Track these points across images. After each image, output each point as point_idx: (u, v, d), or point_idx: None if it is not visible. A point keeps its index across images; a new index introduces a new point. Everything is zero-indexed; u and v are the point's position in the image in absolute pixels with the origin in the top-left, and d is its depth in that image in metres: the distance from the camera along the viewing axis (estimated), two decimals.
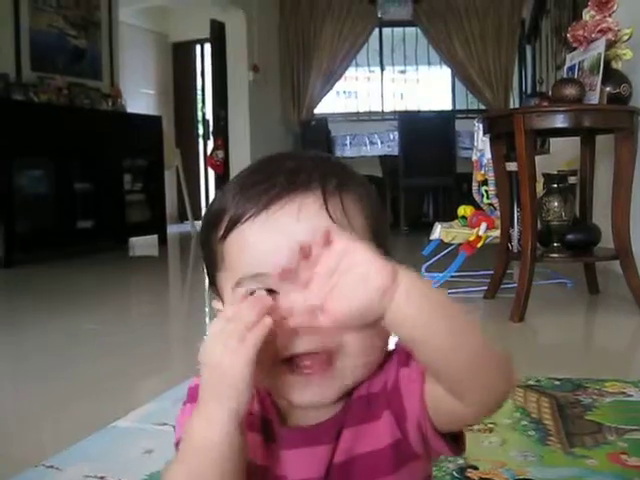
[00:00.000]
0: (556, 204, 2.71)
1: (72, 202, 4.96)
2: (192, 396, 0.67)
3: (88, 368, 2.13)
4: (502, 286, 3.11)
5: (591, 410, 1.57)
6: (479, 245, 3.28)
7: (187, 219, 7.44)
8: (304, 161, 0.67)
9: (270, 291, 0.61)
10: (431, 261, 3.70)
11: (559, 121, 2.53)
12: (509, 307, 2.69)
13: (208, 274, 0.69)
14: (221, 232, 0.64)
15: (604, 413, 1.55)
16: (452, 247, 3.52)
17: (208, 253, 0.68)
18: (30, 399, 1.84)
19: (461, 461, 1.29)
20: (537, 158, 2.65)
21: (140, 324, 2.89)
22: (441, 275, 3.36)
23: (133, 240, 5.79)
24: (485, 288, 3.15)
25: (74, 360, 2.23)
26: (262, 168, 0.67)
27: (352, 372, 0.62)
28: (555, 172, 2.81)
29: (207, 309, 3.36)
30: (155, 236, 5.87)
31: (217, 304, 0.69)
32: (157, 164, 5.90)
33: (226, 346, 0.57)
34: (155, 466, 1.30)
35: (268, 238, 0.61)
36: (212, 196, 8.93)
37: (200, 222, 0.74)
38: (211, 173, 8.67)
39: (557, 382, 1.78)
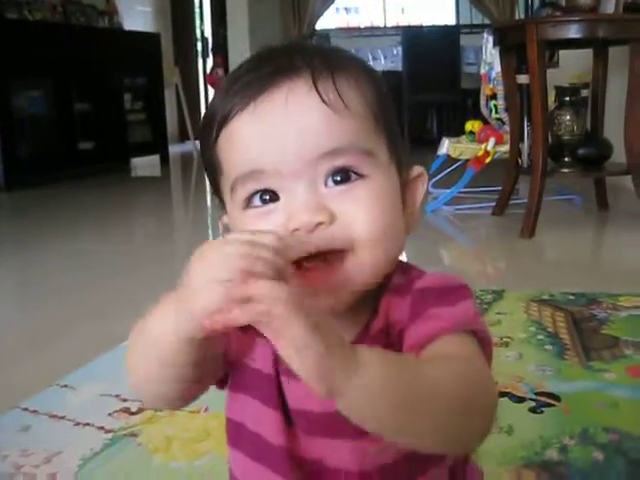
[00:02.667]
0: (568, 118, 2.65)
1: (72, 123, 4.88)
2: None
3: (95, 290, 2.11)
4: (510, 202, 3.08)
5: (606, 324, 1.55)
6: (487, 160, 3.23)
7: (188, 138, 7.34)
8: (294, 47, 0.61)
9: (270, 192, 0.55)
10: (438, 177, 3.65)
11: (573, 31, 2.44)
12: (518, 223, 2.66)
13: (212, 185, 0.62)
14: (213, 137, 0.58)
15: (620, 327, 1.53)
16: (459, 163, 3.47)
17: (206, 162, 0.61)
18: (39, 321, 1.84)
19: None
20: (547, 72, 2.57)
21: (145, 245, 2.87)
22: (449, 191, 3.32)
23: (135, 161, 5.72)
24: (493, 204, 3.12)
25: (81, 282, 2.21)
26: (251, 62, 0.59)
27: (361, 273, 0.55)
28: (567, 85, 2.73)
29: (210, 228, 3.34)
30: (157, 156, 5.80)
31: (224, 219, 0.62)
32: (156, 83, 5.78)
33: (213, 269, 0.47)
34: None
35: (257, 130, 0.55)
36: None
37: None
38: (211, 91, 8.54)
39: (571, 296, 1.76)
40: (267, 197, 0.55)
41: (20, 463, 1.03)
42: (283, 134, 0.54)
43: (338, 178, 0.54)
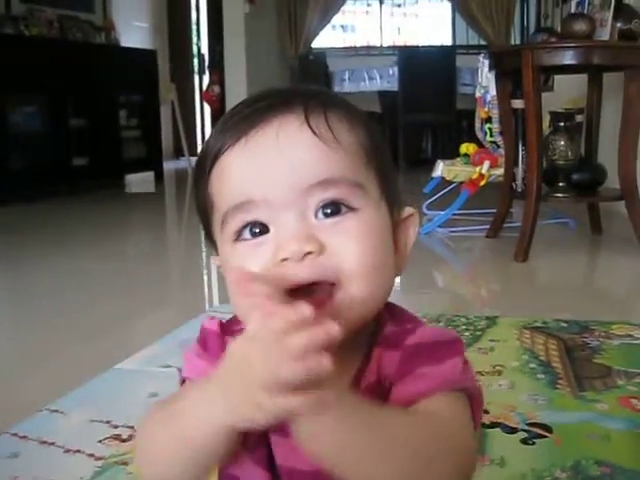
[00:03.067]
0: (562, 143, 2.67)
1: (66, 139, 4.88)
2: (203, 338, 0.62)
3: (88, 310, 2.11)
4: (504, 225, 3.09)
5: (599, 353, 1.55)
6: (482, 183, 3.24)
7: (183, 155, 7.35)
8: (291, 88, 0.61)
9: (261, 225, 0.55)
10: (432, 199, 3.66)
11: (568, 58, 2.46)
12: (511, 246, 2.67)
13: (204, 226, 0.62)
14: (205, 174, 0.58)
15: (612, 356, 1.53)
16: (454, 185, 3.48)
17: (199, 203, 0.61)
18: (31, 342, 1.83)
19: None
20: (542, 95, 2.58)
21: (140, 264, 2.86)
22: (443, 213, 3.33)
23: (129, 177, 5.72)
24: (487, 227, 3.12)
25: (74, 302, 2.20)
26: (246, 102, 0.60)
27: (354, 301, 0.54)
28: (562, 110, 2.75)
29: (204, 248, 3.34)
30: (151, 173, 5.80)
31: (216, 260, 0.62)
32: (152, 99, 5.80)
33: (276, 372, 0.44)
34: None
35: (247, 163, 0.55)
36: (208, 131, 8.83)
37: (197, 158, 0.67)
38: (207, 108, 8.56)
39: (564, 324, 1.77)
40: (257, 230, 0.55)
41: None
42: (273, 165, 0.54)
43: (328, 211, 0.55)
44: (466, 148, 3.46)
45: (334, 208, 0.54)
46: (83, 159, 4.96)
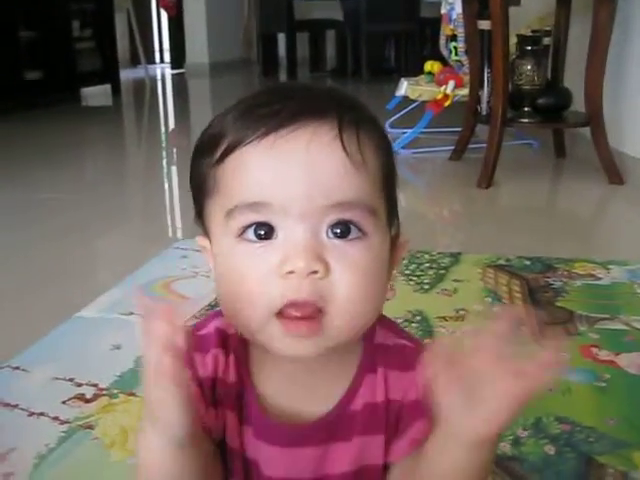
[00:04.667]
0: (529, 67, 2.62)
1: (17, 51, 4.66)
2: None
3: (43, 248, 2.03)
4: (469, 146, 3.07)
5: (561, 295, 1.57)
6: (446, 104, 3.20)
7: (140, 63, 7.15)
8: (319, 90, 0.60)
9: (268, 227, 0.54)
10: (396, 116, 3.62)
11: None
12: (475, 170, 2.66)
13: (195, 203, 0.61)
14: (217, 156, 0.56)
15: (574, 299, 1.55)
16: (418, 103, 3.43)
17: (197, 178, 0.60)
18: None
19: None
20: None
21: (97, 191, 2.79)
22: (406, 135, 3.29)
23: (85, 90, 5.54)
24: (451, 147, 3.11)
25: (28, 239, 2.12)
26: (269, 93, 0.59)
27: (339, 329, 0.55)
28: (529, 33, 2.70)
29: (165, 168, 3.28)
30: (108, 85, 5.63)
31: (202, 240, 0.62)
32: (107, 7, 5.56)
33: (148, 378, 0.52)
34: (125, 364, 1.27)
35: (273, 164, 0.54)
36: (165, 38, 8.56)
37: (154, 65, 0.65)
38: (164, 14, 8.28)
39: (527, 262, 1.78)
40: (262, 232, 0.54)
41: None
42: (299, 174, 0.53)
43: (338, 231, 0.55)
44: (431, 66, 3.40)
45: (344, 229, 0.55)
46: (36, 73, 4.76)
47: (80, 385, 1.21)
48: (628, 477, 0.96)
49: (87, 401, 1.16)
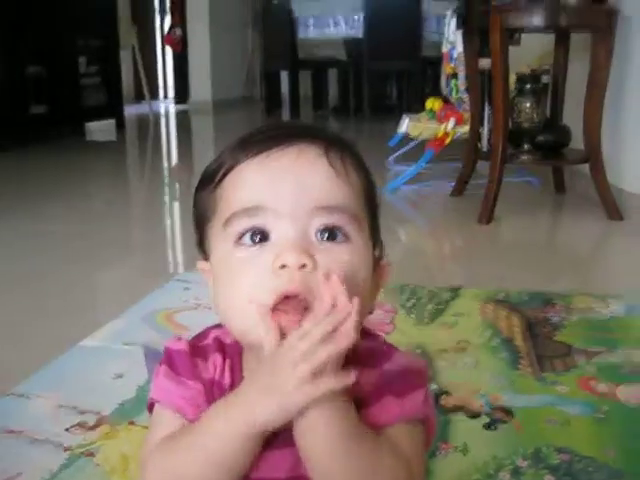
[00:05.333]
0: (528, 105, 2.67)
1: (24, 87, 4.73)
2: (169, 359, 0.67)
3: (47, 278, 2.05)
4: (470, 182, 3.10)
5: (560, 330, 1.58)
6: (447, 141, 3.25)
7: (144, 98, 7.23)
8: (308, 125, 0.69)
9: (262, 233, 0.60)
10: (398, 153, 3.66)
11: (536, 20, 2.45)
12: (476, 206, 2.69)
13: (197, 232, 0.67)
14: (217, 180, 0.63)
15: (573, 333, 1.56)
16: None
17: (199, 207, 0.66)
18: None
19: (434, 386, 1.30)
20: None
21: (101, 223, 2.82)
22: (408, 172, 3.33)
23: (89, 125, 5.61)
24: (452, 183, 3.14)
25: (32, 269, 2.14)
26: (265, 127, 0.66)
27: None
28: (528, 71, 2.74)
29: (167, 202, 3.31)
30: (112, 120, 5.69)
31: (203, 264, 0.67)
32: (112, 44, 5.65)
33: (295, 371, 0.54)
34: (127, 393, 1.29)
35: (265, 173, 0.60)
36: (170, 75, 8.66)
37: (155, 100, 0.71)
38: (169, 51, 8.39)
39: (526, 297, 1.79)
40: (257, 238, 0.60)
41: None
42: (289, 180, 0.60)
43: (326, 235, 0.60)
44: (432, 103, 3.44)
45: (331, 233, 0.60)
46: (41, 107, 4.83)
47: (83, 413, 1.22)
48: None
49: (89, 428, 1.17)
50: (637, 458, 1.08)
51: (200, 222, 0.66)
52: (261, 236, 0.60)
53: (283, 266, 0.57)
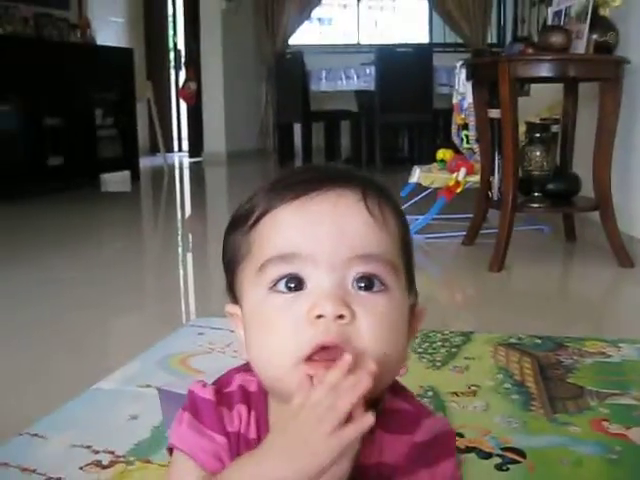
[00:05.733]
0: (538, 154, 2.70)
1: (41, 138, 4.82)
2: (194, 407, 0.64)
3: (62, 323, 2.08)
4: (480, 232, 3.12)
5: (572, 372, 1.58)
6: (458, 191, 3.28)
7: (159, 151, 7.34)
8: (343, 167, 0.67)
9: (298, 280, 0.58)
10: (409, 203, 3.69)
11: (545, 70, 2.49)
12: (487, 254, 2.70)
13: (227, 277, 0.66)
14: (251, 222, 0.61)
15: (585, 376, 1.56)
16: (430, 189, 3.51)
17: (230, 249, 0.64)
18: (4, 360, 1.80)
19: None
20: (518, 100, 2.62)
21: (115, 271, 2.84)
22: (420, 220, 3.35)
23: (105, 176, 5.69)
24: (463, 233, 3.15)
25: (48, 314, 2.17)
26: (295, 171, 0.65)
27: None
28: (538, 120, 2.78)
29: (180, 252, 3.34)
30: (127, 171, 5.78)
31: (232, 308, 0.65)
32: (128, 97, 5.77)
33: (321, 425, 0.53)
34: (141, 433, 1.29)
35: (302, 219, 0.59)
36: (184, 128, 8.79)
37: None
38: (183, 105, 8.53)
39: (538, 340, 1.79)
40: (292, 285, 0.58)
41: None
42: (328, 227, 0.58)
43: (363, 284, 0.59)
44: (443, 154, 3.49)
45: (368, 282, 0.59)
46: (58, 159, 4.92)
47: (97, 452, 1.23)
48: None
49: (104, 467, 1.18)
50: None
51: (230, 265, 0.64)
52: (297, 283, 0.58)
53: (320, 316, 0.56)
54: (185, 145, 8.77)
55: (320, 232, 0.58)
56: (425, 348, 1.75)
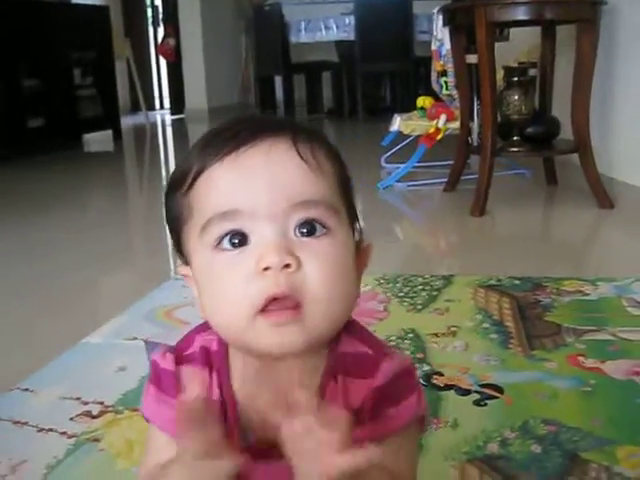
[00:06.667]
0: (516, 97, 2.71)
1: (21, 100, 4.79)
2: (157, 379, 0.66)
3: (51, 281, 2.11)
4: (462, 178, 3.14)
5: (550, 311, 1.62)
6: (439, 137, 3.28)
7: (140, 109, 7.29)
8: (274, 117, 0.67)
9: (241, 235, 0.58)
10: (390, 152, 3.71)
11: (521, 13, 2.49)
12: (468, 200, 2.73)
13: (173, 238, 0.65)
14: (187, 183, 0.61)
15: (563, 314, 1.60)
16: (411, 138, 3.52)
17: (172, 214, 0.64)
18: None
19: (427, 367, 1.35)
20: (496, 46, 2.61)
21: (101, 230, 2.85)
22: (401, 168, 3.37)
23: (87, 136, 5.66)
24: (445, 180, 3.18)
25: (36, 274, 2.20)
26: (227, 126, 0.64)
27: (318, 320, 0.59)
28: (515, 64, 2.79)
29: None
30: (109, 131, 5.74)
31: (183, 269, 0.65)
32: (107, 56, 5.71)
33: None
34: (129, 384, 1.32)
35: (238, 175, 0.59)
36: (165, 85, 8.72)
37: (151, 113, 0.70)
38: (163, 61, 8.45)
39: (517, 281, 1.83)
40: (236, 240, 0.59)
41: None
42: (263, 180, 0.58)
43: (305, 230, 0.59)
44: (423, 101, 3.48)
45: (309, 227, 0.59)
46: (38, 120, 4.88)
47: (86, 403, 1.26)
48: (610, 471, 1.00)
49: (93, 417, 1.21)
50: (621, 426, 1.12)
51: (175, 226, 0.64)
52: (240, 239, 0.59)
53: (267, 268, 0.56)
54: (166, 102, 8.71)
55: (256, 185, 0.58)
56: (406, 292, 1.79)
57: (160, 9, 8.34)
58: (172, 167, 4.99)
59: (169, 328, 1.59)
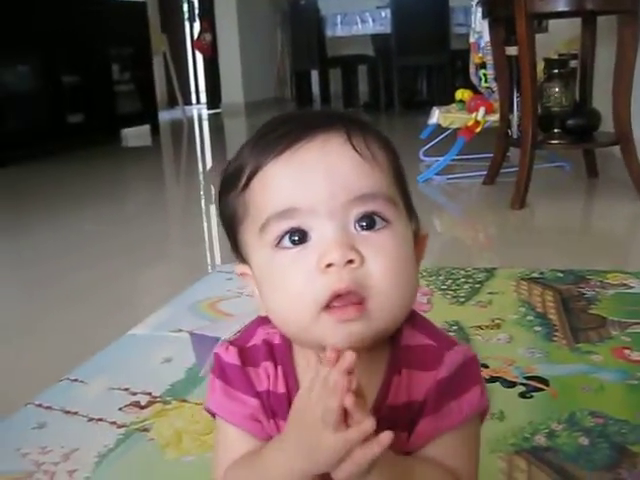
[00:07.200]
0: (557, 90, 2.68)
1: (61, 96, 4.86)
2: (223, 373, 0.66)
3: (96, 272, 2.15)
4: (501, 170, 3.12)
5: (594, 303, 1.61)
6: (478, 130, 3.26)
7: (177, 104, 7.35)
8: (324, 110, 0.67)
9: (301, 232, 0.59)
10: (429, 145, 3.69)
11: (562, 4, 2.47)
12: (508, 193, 2.71)
13: (229, 238, 0.66)
14: (242, 183, 0.61)
15: (607, 306, 1.59)
16: (450, 130, 3.51)
17: (227, 213, 0.64)
18: (39, 310, 1.86)
19: None
20: (536, 37, 2.59)
21: (140, 222, 2.89)
22: (440, 161, 3.36)
23: (125, 131, 5.73)
24: (484, 173, 3.16)
25: (78, 265, 2.25)
26: (280, 119, 0.64)
27: (382, 313, 0.59)
28: (556, 56, 2.76)
29: (203, 201, 3.38)
30: (147, 126, 5.80)
31: (241, 268, 0.66)
32: (144, 52, 5.77)
33: (324, 424, 0.52)
34: (176, 375, 1.35)
35: (294, 171, 0.59)
36: (201, 80, 8.77)
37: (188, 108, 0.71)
38: (199, 56, 8.50)
39: (560, 274, 1.82)
40: (296, 238, 0.58)
41: (40, 460, 1.08)
42: (320, 177, 0.58)
43: (364, 223, 0.59)
44: (461, 94, 3.47)
45: (369, 221, 0.59)
46: (78, 116, 4.95)
47: (135, 394, 1.28)
48: None
49: (142, 407, 1.23)
50: None
51: (230, 226, 0.65)
52: (301, 236, 0.58)
53: (329, 264, 0.56)
54: (203, 97, 8.77)
55: (313, 182, 0.58)
56: (449, 285, 1.79)
57: (196, 4, 8.38)
58: (209, 161, 5.02)
59: (214, 320, 1.61)
